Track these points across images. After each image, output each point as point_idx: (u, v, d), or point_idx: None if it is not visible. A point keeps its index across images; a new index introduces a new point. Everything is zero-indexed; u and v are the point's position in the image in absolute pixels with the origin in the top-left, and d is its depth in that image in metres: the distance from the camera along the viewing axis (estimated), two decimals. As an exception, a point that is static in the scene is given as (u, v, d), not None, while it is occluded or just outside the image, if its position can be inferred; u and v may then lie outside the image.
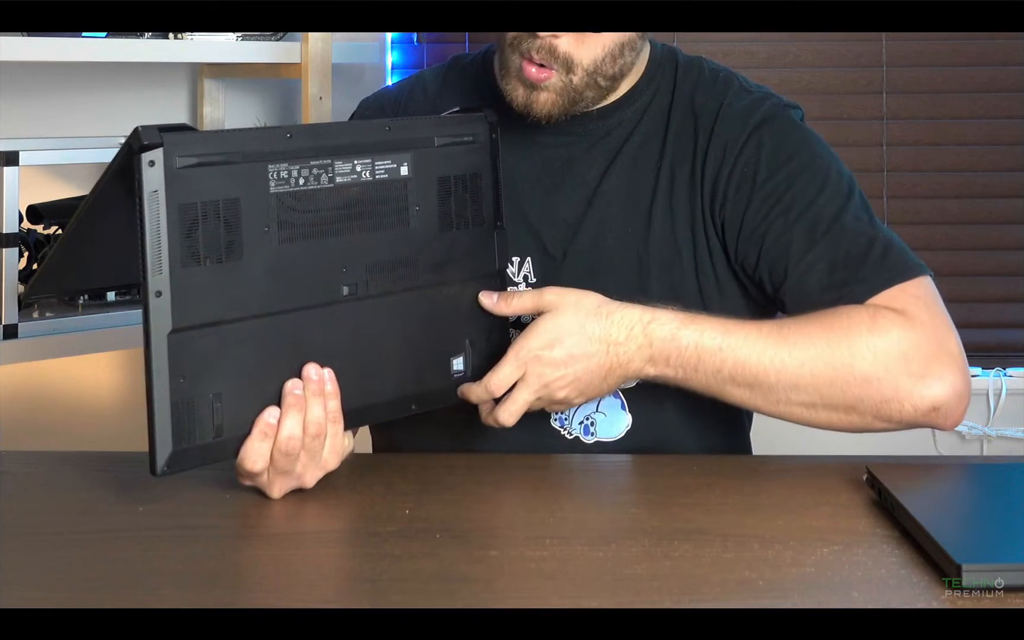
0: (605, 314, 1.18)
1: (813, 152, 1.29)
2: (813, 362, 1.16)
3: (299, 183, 1.06)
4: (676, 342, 1.18)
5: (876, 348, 1.16)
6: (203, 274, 1.01)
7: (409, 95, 1.42)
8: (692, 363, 1.18)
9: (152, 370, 1.00)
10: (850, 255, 1.22)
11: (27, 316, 1.94)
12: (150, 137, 0.99)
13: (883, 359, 1.16)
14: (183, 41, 2.18)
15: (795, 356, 1.17)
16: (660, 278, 1.29)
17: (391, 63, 2.61)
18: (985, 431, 2.57)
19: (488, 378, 1.18)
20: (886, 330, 1.16)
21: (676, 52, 1.37)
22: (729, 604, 0.90)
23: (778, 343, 1.17)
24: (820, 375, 1.16)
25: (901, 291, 1.21)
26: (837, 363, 1.16)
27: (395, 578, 0.94)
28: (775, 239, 1.25)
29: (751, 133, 1.29)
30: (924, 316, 1.19)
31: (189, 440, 1.02)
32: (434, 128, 1.18)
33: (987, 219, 2.60)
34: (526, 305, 1.21)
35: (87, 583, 0.95)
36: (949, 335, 1.20)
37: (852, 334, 1.16)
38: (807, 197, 1.25)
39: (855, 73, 2.59)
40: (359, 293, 1.11)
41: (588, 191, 1.32)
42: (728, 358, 1.17)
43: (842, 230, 1.23)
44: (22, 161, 1.90)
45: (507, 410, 1.18)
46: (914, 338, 1.17)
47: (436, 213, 1.16)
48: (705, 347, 1.17)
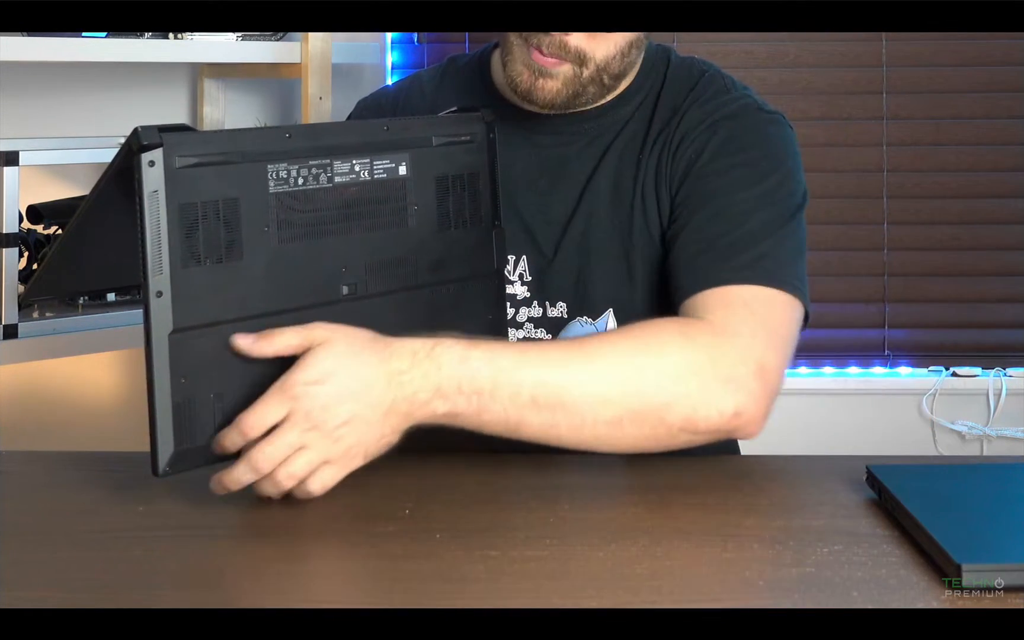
0: (384, 345, 1.05)
1: (764, 155, 1.27)
2: (619, 370, 1.07)
3: (298, 183, 1.07)
4: (467, 364, 1.04)
5: (684, 350, 1.09)
6: (203, 274, 1.02)
7: (406, 95, 1.43)
8: (487, 388, 1.04)
9: (153, 370, 1.00)
10: (732, 245, 1.19)
11: (27, 316, 1.95)
12: (150, 137, 0.99)
13: (692, 362, 1.09)
14: (183, 41, 2.18)
15: (599, 366, 1.07)
16: (644, 270, 1.29)
17: (391, 63, 2.61)
18: (985, 431, 2.57)
19: (243, 417, 1.00)
20: (695, 336, 1.11)
21: (670, 52, 1.38)
22: (729, 604, 0.90)
23: (581, 357, 1.07)
24: (627, 382, 1.07)
25: (746, 292, 1.16)
26: (644, 366, 1.07)
27: (395, 578, 0.94)
28: (686, 215, 1.25)
29: (711, 124, 1.29)
30: (744, 329, 1.12)
31: (191, 440, 1.02)
32: (432, 128, 1.18)
33: (987, 219, 2.60)
34: (291, 343, 1.03)
35: (87, 583, 0.95)
36: (768, 352, 1.12)
37: (661, 338, 1.10)
38: (732, 188, 1.24)
39: (855, 73, 2.60)
40: (358, 293, 1.11)
41: (579, 189, 1.32)
42: (527, 378, 1.05)
43: (742, 223, 1.21)
44: (22, 161, 1.90)
45: (262, 452, 1.00)
46: (724, 347, 1.10)
47: (434, 212, 1.16)
48: (500, 367, 1.05)
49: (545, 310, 1.31)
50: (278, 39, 2.28)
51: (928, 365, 2.61)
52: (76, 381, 2.40)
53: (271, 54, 2.27)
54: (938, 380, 2.58)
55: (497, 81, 1.39)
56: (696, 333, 1.11)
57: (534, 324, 1.31)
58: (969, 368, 2.60)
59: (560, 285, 1.31)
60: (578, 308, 1.30)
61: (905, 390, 2.58)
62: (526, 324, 1.31)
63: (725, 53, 2.54)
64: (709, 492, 1.12)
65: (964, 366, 2.60)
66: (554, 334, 1.30)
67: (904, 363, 2.61)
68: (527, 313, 1.31)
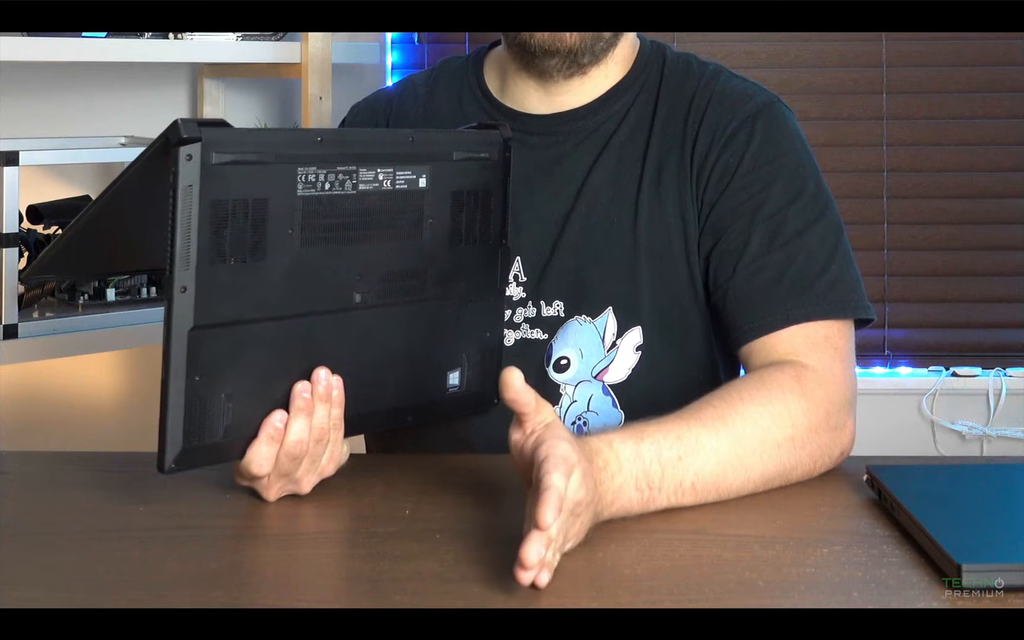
0: (591, 462, 1.01)
1: (799, 159, 1.29)
2: (762, 451, 1.10)
3: (325, 188, 1.06)
4: (640, 460, 1.05)
5: (808, 413, 1.14)
6: (228, 272, 1.01)
7: (399, 99, 1.43)
8: (656, 483, 1.05)
9: (170, 366, 0.99)
10: (801, 275, 1.23)
11: (27, 316, 1.95)
12: (189, 131, 0.98)
13: (813, 423, 1.14)
14: (183, 41, 2.18)
15: (747, 449, 1.10)
16: (651, 267, 1.29)
17: (391, 63, 2.61)
18: (985, 431, 2.57)
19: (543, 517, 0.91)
20: (811, 392, 1.15)
21: (665, 48, 1.38)
22: (729, 604, 0.90)
23: (730, 438, 1.09)
24: (767, 463, 1.11)
25: (824, 328, 1.21)
26: (781, 442, 1.12)
27: (395, 578, 0.94)
28: (736, 234, 1.25)
29: (743, 122, 1.29)
30: (837, 369, 1.19)
31: (199, 439, 1.02)
32: (453, 142, 1.18)
33: (987, 219, 2.60)
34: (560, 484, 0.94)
35: (87, 583, 0.95)
36: (852, 383, 1.20)
37: (787, 402, 1.13)
38: (779, 202, 1.25)
39: (855, 73, 2.60)
40: (369, 301, 1.11)
41: (575, 187, 1.32)
42: (689, 469, 1.07)
43: (801, 246, 1.24)
44: (22, 161, 1.90)
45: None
46: (832, 398, 1.16)
47: (448, 227, 1.16)
48: (666, 461, 1.06)
49: (540, 310, 1.30)
50: (278, 39, 2.28)
51: (928, 365, 2.61)
52: (76, 381, 2.40)
53: (271, 54, 2.27)
54: (938, 380, 2.58)
55: (490, 83, 1.39)
56: (810, 388, 1.15)
57: (529, 324, 1.31)
58: (969, 368, 2.60)
59: (557, 284, 1.30)
60: (576, 307, 1.30)
61: (905, 390, 2.58)
62: (522, 325, 1.31)
63: (725, 53, 2.54)
64: (709, 492, 1.11)
65: (964, 366, 2.60)
66: (550, 334, 1.30)
67: (904, 363, 2.61)
68: (523, 314, 1.31)
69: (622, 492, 1.03)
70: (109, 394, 2.44)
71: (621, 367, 1.28)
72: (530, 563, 0.88)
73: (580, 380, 1.29)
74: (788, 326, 1.21)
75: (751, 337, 1.23)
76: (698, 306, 1.29)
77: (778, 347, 1.21)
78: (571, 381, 1.29)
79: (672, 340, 1.29)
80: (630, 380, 1.28)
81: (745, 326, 1.23)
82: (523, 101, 1.35)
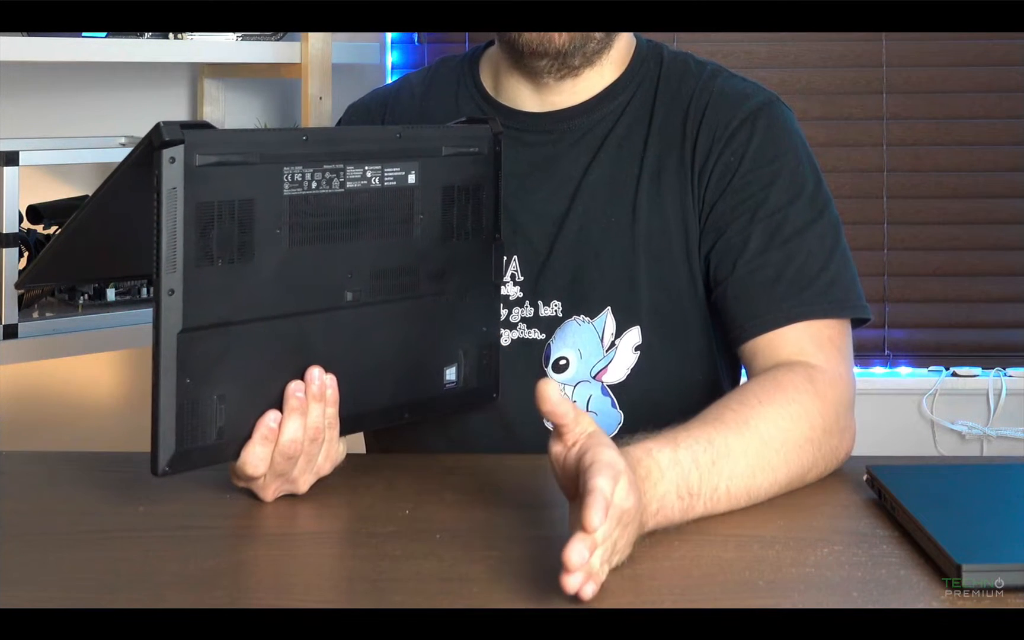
0: (634, 472, 0.98)
1: (798, 158, 1.29)
2: (786, 453, 1.10)
3: (312, 186, 1.06)
4: (679, 466, 1.03)
5: (823, 414, 1.14)
6: (215, 274, 1.01)
7: (395, 98, 1.43)
8: (695, 490, 1.04)
9: (160, 369, 0.99)
10: (800, 273, 1.23)
11: (27, 316, 1.95)
12: (172, 133, 0.98)
13: (827, 424, 1.14)
14: (183, 41, 2.18)
15: (773, 450, 1.10)
16: (649, 267, 1.29)
17: (391, 63, 2.61)
18: (985, 431, 2.57)
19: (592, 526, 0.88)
20: (823, 393, 1.16)
21: (662, 48, 1.38)
22: (729, 604, 0.90)
23: (758, 442, 1.08)
24: (791, 466, 1.11)
25: (827, 328, 1.22)
26: (801, 444, 1.12)
27: (395, 578, 0.94)
28: (736, 232, 1.26)
29: (743, 121, 1.29)
30: (842, 369, 1.20)
31: (192, 441, 1.02)
32: (442, 138, 1.17)
33: (987, 219, 2.60)
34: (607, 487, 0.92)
35: (87, 583, 0.95)
36: (852, 381, 1.21)
37: (804, 403, 1.14)
38: (779, 201, 1.26)
39: (855, 73, 2.60)
40: (361, 299, 1.11)
41: (572, 186, 1.32)
42: (723, 474, 1.06)
43: (801, 245, 1.24)
44: (22, 161, 1.90)
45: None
46: (840, 398, 1.17)
47: (439, 222, 1.16)
48: (703, 467, 1.04)
49: (538, 309, 1.30)
50: (278, 39, 2.28)
51: (928, 365, 2.61)
52: (76, 381, 2.40)
53: (271, 54, 2.27)
54: (938, 380, 2.58)
55: (486, 82, 1.38)
56: (822, 390, 1.16)
57: (527, 324, 1.31)
58: (969, 368, 2.60)
59: (555, 284, 1.30)
60: (574, 307, 1.30)
61: (905, 390, 2.58)
62: (519, 324, 1.30)
63: (725, 53, 2.54)
64: (709, 492, 1.11)
65: (964, 366, 2.60)
66: (548, 334, 1.30)
67: (904, 363, 2.61)
68: (520, 313, 1.31)
69: (665, 501, 1.01)
70: (109, 394, 2.44)
71: (620, 367, 1.28)
72: (573, 564, 0.85)
73: (579, 380, 1.29)
74: (789, 324, 1.21)
75: (752, 334, 1.23)
76: (698, 306, 1.29)
77: (784, 346, 1.21)
78: (570, 381, 1.29)
79: (671, 340, 1.29)
80: (629, 380, 1.28)
81: (746, 324, 1.23)
82: (517, 100, 1.35)
